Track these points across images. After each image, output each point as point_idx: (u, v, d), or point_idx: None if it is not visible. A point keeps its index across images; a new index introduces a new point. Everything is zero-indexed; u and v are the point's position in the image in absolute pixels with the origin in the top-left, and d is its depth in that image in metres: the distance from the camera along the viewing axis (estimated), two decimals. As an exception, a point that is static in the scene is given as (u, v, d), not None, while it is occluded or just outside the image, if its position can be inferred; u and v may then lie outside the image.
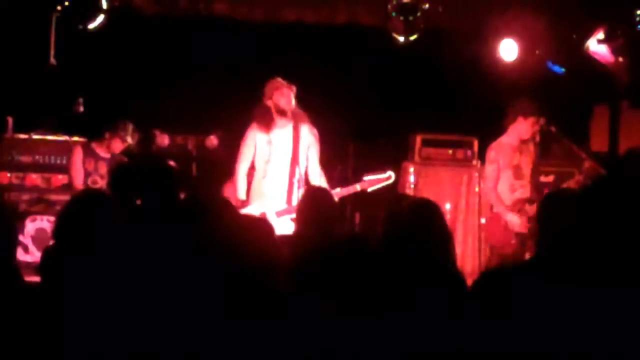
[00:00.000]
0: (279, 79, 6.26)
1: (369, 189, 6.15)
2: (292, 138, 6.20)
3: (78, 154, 6.74)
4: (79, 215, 3.40)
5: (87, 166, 6.69)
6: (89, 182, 6.65)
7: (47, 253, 3.51)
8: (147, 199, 4.36)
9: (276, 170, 6.21)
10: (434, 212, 3.40)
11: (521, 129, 6.52)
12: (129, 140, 6.71)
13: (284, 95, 6.17)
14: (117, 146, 6.72)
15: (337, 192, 6.19)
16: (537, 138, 6.59)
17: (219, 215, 3.42)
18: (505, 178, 6.50)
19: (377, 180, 6.15)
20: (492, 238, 6.59)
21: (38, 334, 2.95)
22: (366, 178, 6.18)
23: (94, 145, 6.79)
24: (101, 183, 6.53)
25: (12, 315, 2.96)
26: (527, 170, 6.55)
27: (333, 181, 6.67)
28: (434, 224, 3.33)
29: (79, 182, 6.64)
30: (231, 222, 3.15)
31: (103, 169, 6.67)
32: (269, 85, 6.25)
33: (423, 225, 3.28)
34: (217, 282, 2.90)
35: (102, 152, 6.75)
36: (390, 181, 6.20)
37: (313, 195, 4.37)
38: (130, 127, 6.73)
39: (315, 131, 6.34)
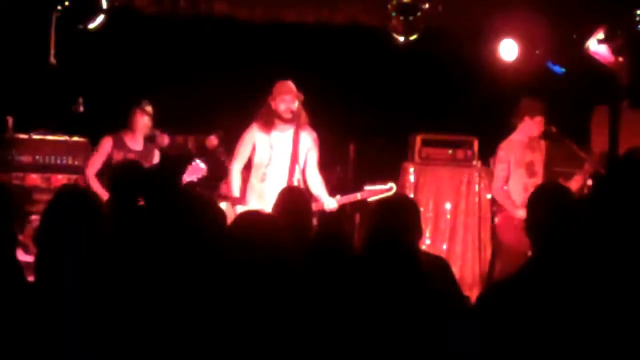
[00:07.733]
0: (288, 83, 6.17)
1: (369, 199, 6.19)
2: (292, 142, 6.17)
3: (107, 144, 6.63)
4: (56, 215, 3.32)
5: (116, 157, 6.58)
6: None
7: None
8: (151, 199, 4.38)
9: (275, 173, 6.17)
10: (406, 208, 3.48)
11: (528, 127, 6.56)
12: (150, 110, 6.62)
13: (285, 101, 6.12)
14: (143, 121, 6.61)
15: (338, 199, 6.22)
16: (553, 128, 6.57)
17: (220, 213, 3.43)
18: (517, 177, 6.47)
19: (378, 191, 6.22)
20: (506, 238, 6.55)
21: (29, 334, 2.96)
22: (367, 188, 6.26)
23: (123, 135, 6.68)
24: None
25: (13, 314, 2.97)
26: (539, 168, 6.54)
27: (333, 181, 6.66)
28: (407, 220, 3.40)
29: (90, 172, 6.56)
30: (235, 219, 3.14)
31: None
32: (276, 87, 6.18)
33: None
34: (220, 280, 2.90)
35: (132, 144, 6.65)
36: (391, 192, 6.25)
37: (287, 193, 4.60)
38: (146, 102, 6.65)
39: (314, 135, 6.31)
